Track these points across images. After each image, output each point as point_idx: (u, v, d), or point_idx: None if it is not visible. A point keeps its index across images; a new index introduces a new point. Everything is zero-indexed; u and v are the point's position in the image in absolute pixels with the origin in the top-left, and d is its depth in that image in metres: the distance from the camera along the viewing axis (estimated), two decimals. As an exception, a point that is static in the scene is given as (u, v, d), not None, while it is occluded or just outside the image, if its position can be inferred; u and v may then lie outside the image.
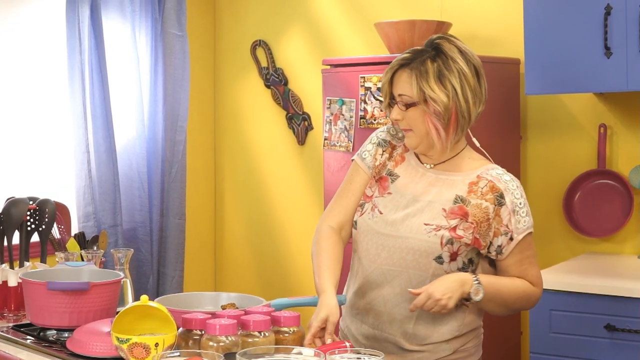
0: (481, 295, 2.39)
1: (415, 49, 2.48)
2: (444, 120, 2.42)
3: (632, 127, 3.87)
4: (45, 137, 4.36)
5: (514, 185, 2.45)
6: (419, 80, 2.41)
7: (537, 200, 4.10)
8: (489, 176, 2.46)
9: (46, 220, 3.14)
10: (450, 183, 2.48)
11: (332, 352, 2.06)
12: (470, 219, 2.42)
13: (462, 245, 2.42)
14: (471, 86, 2.44)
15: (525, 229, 2.45)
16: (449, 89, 2.40)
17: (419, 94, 2.41)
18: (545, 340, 3.35)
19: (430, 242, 2.42)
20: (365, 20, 4.53)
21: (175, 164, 4.70)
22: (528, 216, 2.46)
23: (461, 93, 2.41)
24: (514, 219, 2.43)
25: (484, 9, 4.21)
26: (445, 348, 2.49)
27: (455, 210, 2.44)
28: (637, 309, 3.15)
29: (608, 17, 3.39)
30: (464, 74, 2.42)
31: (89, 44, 4.26)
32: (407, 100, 2.44)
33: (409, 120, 2.45)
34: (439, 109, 2.40)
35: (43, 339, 2.58)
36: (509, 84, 4.01)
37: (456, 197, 2.45)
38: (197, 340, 2.25)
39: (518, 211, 2.44)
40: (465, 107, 2.43)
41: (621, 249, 3.91)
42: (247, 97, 5.06)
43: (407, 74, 2.44)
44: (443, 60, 2.43)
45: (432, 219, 2.44)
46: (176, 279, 4.68)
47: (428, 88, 2.39)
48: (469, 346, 2.54)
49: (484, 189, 2.44)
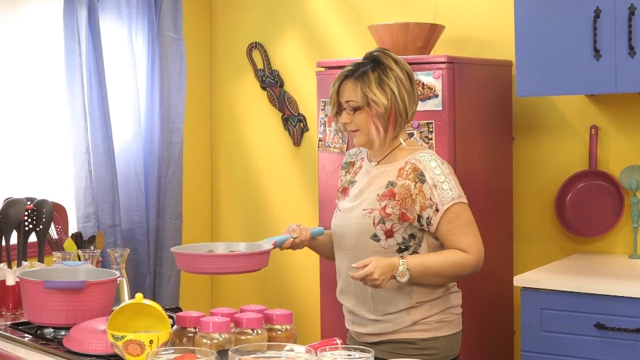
0: (406, 278, 2.72)
1: (356, 63, 2.88)
2: (384, 119, 2.80)
3: (623, 128, 3.90)
4: (43, 138, 4.38)
5: (433, 164, 2.78)
6: (362, 87, 2.79)
7: (529, 201, 4.14)
8: (413, 159, 2.81)
9: (44, 220, 3.17)
10: (386, 173, 2.85)
11: (323, 349, 2.10)
12: (397, 198, 2.78)
13: (394, 223, 2.77)
14: (406, 89, 2.83)
15: (450, 200, 2.76)
16: (388, 92, 2.79)
17: (363, 99, 2.79)
18: (536, 339, 3.38)
19: (365, 224, 2.81)
20: (359, 22, 4.56)
21: (172, 165, 4.73)
22: (451, 190, 2.77)
23: (398, 95, 2.80)
24: (436, 193, 2.75)
25: (477, 12, 4.25)
26: (406, 319, 2.82)
27: (386, 193, 2.81)
28: (627, 308, 3.18)
29: (597, 19, 3.42)
30: (400, 79, 2.82)
31: (86, 47, 4.29)
32: (354, 105, 2.83)
33: (356, 122, 2.84)
34: (380, 111, 2.79)
35: (40, 337, 2.62)
36: (500, 86, 4.04)
37: (387, 182, 2.82)
38: (191, 338, 2.29)
39: (438, 185, 2.76)
40: (402, 107, 2.81)
41: (612, 248, 3.94)
42: (243, 99, 5.10)
43: (352, 83, 2.83)
44: (382, 69, 2.82)
45: (368, 205, 2.83)
46: (173, 279, 4.71)
47: (370, 93, 2.78)
48: (431, 320, 2.84)
49: (408, 170, 2.80)
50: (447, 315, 2.87)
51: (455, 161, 3.67)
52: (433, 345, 2.83)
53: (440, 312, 2.85)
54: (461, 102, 3.70)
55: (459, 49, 4.21)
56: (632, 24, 3.36)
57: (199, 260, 2.72)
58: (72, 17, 4.25)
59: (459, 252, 2.77)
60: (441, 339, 2.84)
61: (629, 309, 3.18)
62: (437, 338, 2.83)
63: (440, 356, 2.85)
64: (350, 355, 2.08)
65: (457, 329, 2.92)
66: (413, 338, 2.81)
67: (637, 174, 3.80)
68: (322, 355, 2.04)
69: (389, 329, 2.83)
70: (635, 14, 3.35)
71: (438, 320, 2.84)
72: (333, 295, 3.99)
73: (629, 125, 3.88)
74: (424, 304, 2.82)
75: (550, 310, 3.35)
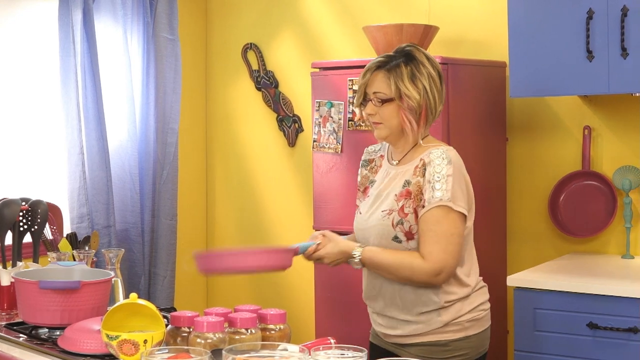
0: (359, 266, 2.78)
1: (388, 55, 2.84)
2: (417, 114, 2.76)
3: (616, 129, 3.92)
4: (38, 138, 4.39)
5: (438, 160, 2.71)
6: (395, 79, 2.75)
7: (523, 201, 4.15)
8: (425, 155, 2.76)
9: (38, 220, 3.17)
10: (404, 172, 2.81)
11: (316, 348, 2.11)
12: (411, 196, 2.74)
13: (412, 225, 2.72)
14: (437, 87, 2.80)
15: (437, 200, 2.68)
16: (420, 87, 2.75)
17: (395, 91, 2.75)
18: (529, 339, 3.39)
19: (385, 225, 2.76)
20: (353, 24, 4.58)
21: (167, 166, 4.74)
22: (442, 191, 2.69)
23: (430, 92, 2.77)
24: (427, 189, 2.71)
25: (471, 13, 4.26)
26: (437, 321, 2.76)
27: (403, 193, 2.77)
28: (620, 308, 3.20)
29: (590, 21, 3.44)
30: (432, 77, 2.79)
31: (81, 48, 4.30)
32: (383, 97, 2.77)
33: (382, 114, 2.79)
34: (412, 104, 2.75)
35: (35, 337, 2.62)
36: (495, 87, 4.06)
37: (404, 182, 2.78)
38: (185, 337, 2.30)
39: (432, 182, 2.70)
40: (433, 104, 2.78)
41: (605, 248, 3.96)
42: (238, 100, 5.11)
43: (383, 74, 2.78)
44: (414, 64, 2.78)
45: (387, 206, 2.79)
46: (167, 279, 4.72)
47: (403, 86, 2.74)
48: (462, 319, 2.79)
49: (420, 167, 2.75)
50: (477, 313, 2.83)
51: (449, 162, 3.68)
52: (465, 345, 2.79)
53: (470, 310, 2.81)
54: (455, 103, 3.71)
55: (453, 50, 4.22)
56: (624, 25, 3.38)
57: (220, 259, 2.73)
58: (67, 18, 4.25)
59: (415, 256, 2.71)
60: (472, 338, 2.81)
61: (621, 308, 3.19)
62: (468, 337, 2.80)
63: (472, 354, 2.82)
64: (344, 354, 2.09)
65: (486, 325, 2.88)
66: (444, 340, 2.77)
67: (630, 174, 3.82)
68: (315, 355, 2.05)
69: (420, 330, 2.78)
70: (627, 15, 3.37)
71: (469, 320, 2.80)
72: (327, 294, 4.02)
73: (621, 125, 3.90)
74: (454, 303, 2.78)
75: (544, 310, 3.37)
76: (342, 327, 3.91)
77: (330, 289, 3.98)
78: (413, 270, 2.70)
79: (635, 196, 3.84)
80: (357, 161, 3.83)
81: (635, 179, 3.80)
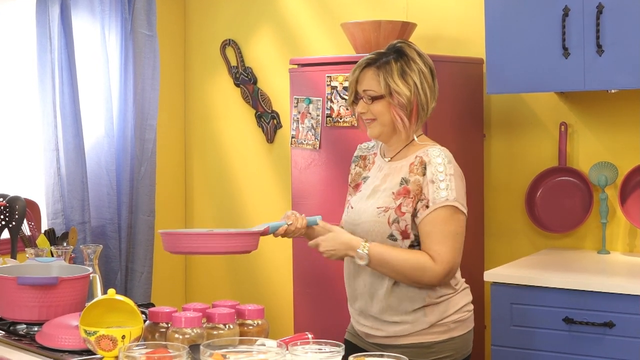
0: (364, 262, 2.69)
1: (379, 52, 2.81)
2: (407, 110, 2.74)
3: (592, 125, 3.95)
4: (15, 134, 4.38)
5: (439, 160, 2.70)
6: (385, 76, 2.73)
7: (500, 197, 4.18)
8: (422, 153, 2.74)
9: (16, 217, 3.18)
10: (399, 169, 2.78)
11: (294, 343, 2.12)
12: (411, 195, 2.70)
13: (408, 224, 2.69)
14: (429, 83, 2.78)
15: (443, 200, 2.67)
16: (410, 84, 2.73)
17: (385, 88, 2.73)
18: (506, 333, 3.41)
19: (380, 222, 2.72)
20: (332, 20, 4.59)
21: (145, 162, 4.74)
22: (448, 190, 2.67)
23: (421, 88, 2.75)
24: (431, 188, 2.67)
25: (448, 10, 4.28)
26: (423, 321, 2.74)
27: (401, 191, 2.73)
28: (596, 303, 3.22)
29: (566, 18, 3.47)
30: (422, 73, 2.77)
31: (59, 43, 4.29)
32: (373, 94, 2.75)
33: (373, 111, 2.76)
34: (403, 101, 2.73)
35: (13, 333, 2.62)
36: (472, 84, 4.08)
37: (401, 179, 2.75)
38: (164, 333, 2.30)
39: (436, 182, 2.68)
40: (424, 101, 2.77)
41: (581, 244, 3.99)
42: (217, 96, 5.11)
43: (372, 72, 2.76)
44: (405, 61, 2.76)
45: (383, 203, 2.75)
46: (145, 275, 4.72)
47: (393, 82, 2.72)
48: (448, 320, 2.77)
49: (417, 165, 2.72)
50: (462, 314, 2.81)
51: (427, 158, 3.69)
52: (449, 347, 2.76)
53: (455, 311, 2.78)
54: (432, 100, 3.72)
55: (431, 46, 4.24)
56: (600, 23, 3.40)
57: (186, 239, 2.66)
58: (45, 14, 4.24)
59: (425, 257, 2.67)
60: (457, 339, 2.78)
61: (597, 303, 3.22)
62: (453, 339, 2.77)
63: (456, 357, 2.78)
64: (321, 349, 2.10)
65: (471, 326, 2.86)
66: (429, 341, 2.74)
67: (606, 170, 3.85)
68: (293, 350, 2.06)
69: (405, 331, 2.75)
70: (603, 13, 3.40)
71: (454, 321, 2.78)
72: (305, 290, 4.03)
73: (597, 122, 3.93)
74: (440, 304, 2.75)
75: (520, 305, 3.39)
76: (320, 322, 3.92)
77: (309, 285, 3.99)
78: (424, 271, 2.67)
79: (611, 192, 3.87)
80: (336, 157, 3.86)
81: (611, 175, 3.83)
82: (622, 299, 3.17)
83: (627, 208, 3.79)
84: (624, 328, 3.17)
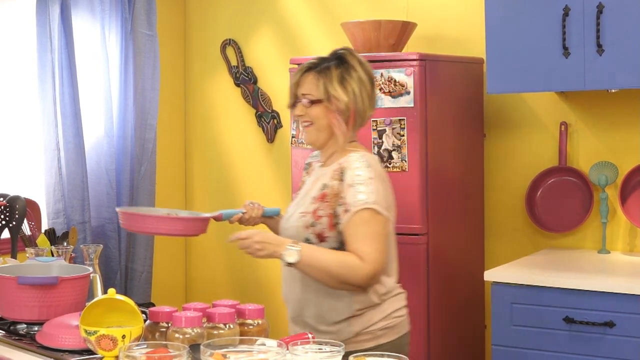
0: (293, 259, 2.66)
1: (321, 57, 2.85)
2: (345, 116, 2.77)
3: (592, 125, 3.95)
4: (15, 134, 4.38)
5: (357, 164, 2.72)
6: (324, 81, 2.77)
7: (500, 197, 4.18)
8: (344, 160, 2.77)
9: (17, 216, 3.18)
10: (324, 175, 2.82)
11: (294, 342, 2.12)
12: (326, 199, 2.74)
13: (324, 228, 2.72)
14: (367, 91, 2.81)
15: (362, 203, 2.67)
16: (349, 91, 2.77)
17: (324, 93, 2.77)
18: (506, 333, 3.41)
19: (298, 227, 2.78)
20: (332, 20, 4.59)
21: (145, 162, 4.74)
22: (367, 194, 2.68)
23: (359, 96, 2.78)
24: (350, 193, 2.69)
25: (448, 10, 4.28)
26: (347, 331, 2.74)
27: (319, 196, 2.78)
28: (596, 302, 3.22)
29: (566, 17, 3.47)
30: (362, 81, 2.80)
31: (59, 43, 4.29)
32: (311, 98, 2.79)
33: (311, 115, 2.80)
34: (340, 106, 2.76)
35: (13, 333, 2.63)
36: (472, 83, 4.08)
37: (323, 185, 2.79)
38: (164, 333, 2.31)
39: (355, 185, 2.69)
40: (362, 109, 2.80)
41: (581, 244, 3.99)
42: (217, 96, 5.11)
43: (313, 76, 2.80)
44: (345, 68, 2.80)
45: (304, 208, 2.81)
46: (145, 275, 4.72)
47: (332, 88, 2.76)
48: (373, 328, 2.77)
49: (337, 171, 2.76)
50: (390, 320, 2.80)
51: (427, 157, 3.70)
52: None
53: (382, 319, 2.78)
54: (433, 99, 3.73)
55: (431, 46, 4.24)
56: (600, 22, 3.40)
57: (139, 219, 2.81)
58: (45, 13, 4.24)
59: (353, 257, 2.66)
60: (385, 346, 2.75)
61: (597, 303, 3.22)
62: (380, 346, 2.74)
63: None
64: (322, 349, 2.10)
65: (402, 332, 2.85)
66: (355, 350, 2.58)
67: (606, 170, 3.85)
68: (293, 349, 2.07)
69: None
70: (603, 12, 3.40)
71: (381, 328, 2.78)
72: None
73: (597, 122, 3.93)
74: (365, 312, 2.76)
75: (521, 305, 3.39)
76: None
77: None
78: (353, 270, 2.65)
79: (611, 192, 3.87)
80: (336, 157, 3.86)
81: (611, 175, 3.83)
82: (623, 299, 3.17)
83: (627, 208, 3.79)
84: (624, 328, 3.18)
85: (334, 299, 2.75)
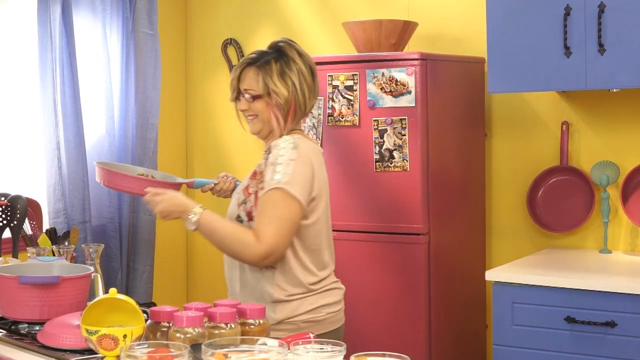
0: (192, 227, 2.73)
1: (260, 51, 2.88)
2: (284, 110, 2.80)
3: (593, 124, 3.95)
4: (16, 134, 4.38)
5: (283, 144, 2.73)
6: (264, 76, 2.79)
7: (502, 196, 4.18)
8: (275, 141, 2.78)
9: (18, 216, 3.17)
10: None
11: (296, 342, 2.12)
12: (256, 177, 2.80)
13: (253, 206, 2.75)
14: (307, 83, 2.83)
15: (275, 183, 2.68)
16: (289, 84, 2.79)
17: (264, 88, 2.79)
18: (508, 333, 3.41)
19: (234, 205, 2.85)
20: (333, 19, 4.59)
21: (146, 161, 4.73)
22: (282, 174, 2.68)
23: (299, 88, 2.81)
24: (269, 171, 2.72)
25: (449, 9, 4.28)
26: (271, 317, 2.69)
27: (252, 174, 2.84)
28: (597, 302, 3.22)
29: (567, 17, 3.47)
30: (302, 73, 2.82)
31: (60, 42, 4.29)
32: (253, 93, 2.82)
33: (254, 109, 2.84)
34: (280, 101, 2.79)
35: (14, 332, 2.62)
36: (474, 83, 4.08)
37: (258, 165, 2.84)
38: (165, 332, 2.30)
39: (274, 165, 2.71)
40: (302, 100, 2.82)
41: (583, 243, 3.99)
42: (218, 95, 5.11)
43: (253, 71, 2.83)
44: (285, 61, 2.82)
45: (241, 187, 2.87)
46: (146, 274, 4.72)
47: (271, 83, 2.78)
48: (297, 320, 2.77)
49: (267, 151, 2.80)
50: (316, 314, 2.79)
51: (428, 157, 3.70)
52: None
53: (308, 311, 2.78)
54: (434, 99, 3.73)
55: (432, 45, 4.24)
56: (601, 22, 3.40)
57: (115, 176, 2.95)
58: (46, 13, 4.24)
59: (250, 234, 2.68)
60: None
61: (598, 302, 3.22)
62: None
63: None
64: (323, 348, 2.10)
65: (329, 329, 2.81)
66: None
67: (608, 169, 3.85)
68: (294, 349, 2.06)
69: None
70: (604, 12, 3.40)
71: (305, 320, 2.77)
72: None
73: (599, 121, 3.93)
74: (291, 301, 2.76)
75: (522, 304, 3.39)
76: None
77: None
78: (246, 247, 2.68)
79: (613, 191, 3.87)
80: (337, 156, 3.86)
81: (613, 175, 3.84)
82: (624, 299, 3.17)
83: (628, 207, 3.79)
84: (625, 327, 3.18)
85: (256, 279, 2.79)
